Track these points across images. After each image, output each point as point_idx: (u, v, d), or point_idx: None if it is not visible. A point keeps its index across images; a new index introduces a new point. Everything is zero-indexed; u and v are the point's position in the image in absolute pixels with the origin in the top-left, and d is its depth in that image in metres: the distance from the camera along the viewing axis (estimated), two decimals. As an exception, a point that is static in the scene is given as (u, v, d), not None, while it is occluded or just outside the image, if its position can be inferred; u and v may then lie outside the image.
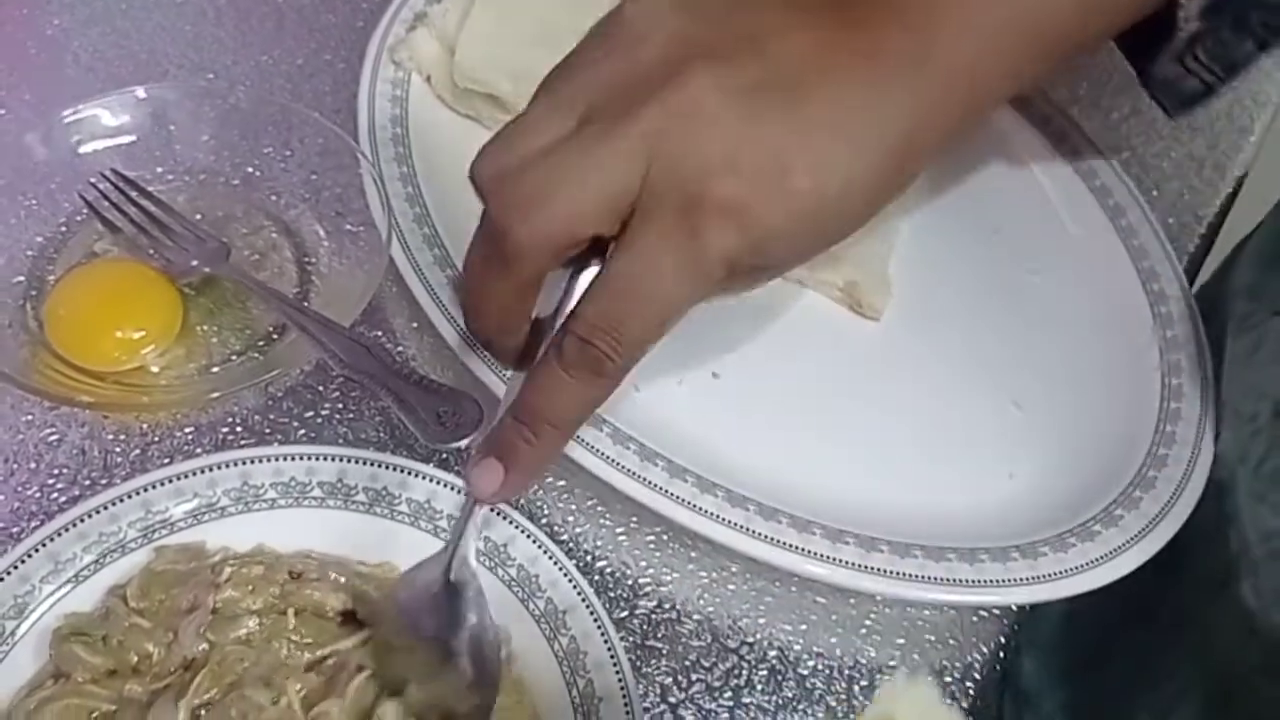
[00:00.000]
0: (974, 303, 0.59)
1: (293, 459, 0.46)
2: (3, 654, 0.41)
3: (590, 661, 0.43)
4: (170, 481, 0.44)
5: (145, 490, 0.44)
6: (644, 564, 0.50)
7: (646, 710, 0.46)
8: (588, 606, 0.44)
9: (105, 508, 0.43)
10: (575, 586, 0.44)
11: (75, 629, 0.41)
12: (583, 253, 0.41)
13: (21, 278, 0.52)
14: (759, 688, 0.47)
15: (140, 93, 0.55)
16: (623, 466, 0.47)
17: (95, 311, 0.51)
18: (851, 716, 0.47)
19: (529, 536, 0.46)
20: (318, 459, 0.46)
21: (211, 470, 0.45)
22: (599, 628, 0.43)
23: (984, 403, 0.56)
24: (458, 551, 0.42)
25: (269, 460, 0.45)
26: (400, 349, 0.55)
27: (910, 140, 0.41)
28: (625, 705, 0.41)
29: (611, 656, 0.43)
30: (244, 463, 0.45)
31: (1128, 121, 0.72)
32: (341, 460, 0.46)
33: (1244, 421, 0.51)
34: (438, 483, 0.47)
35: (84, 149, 0.55)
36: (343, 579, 0.44)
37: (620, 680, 0.42)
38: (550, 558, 0.45)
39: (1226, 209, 0.69)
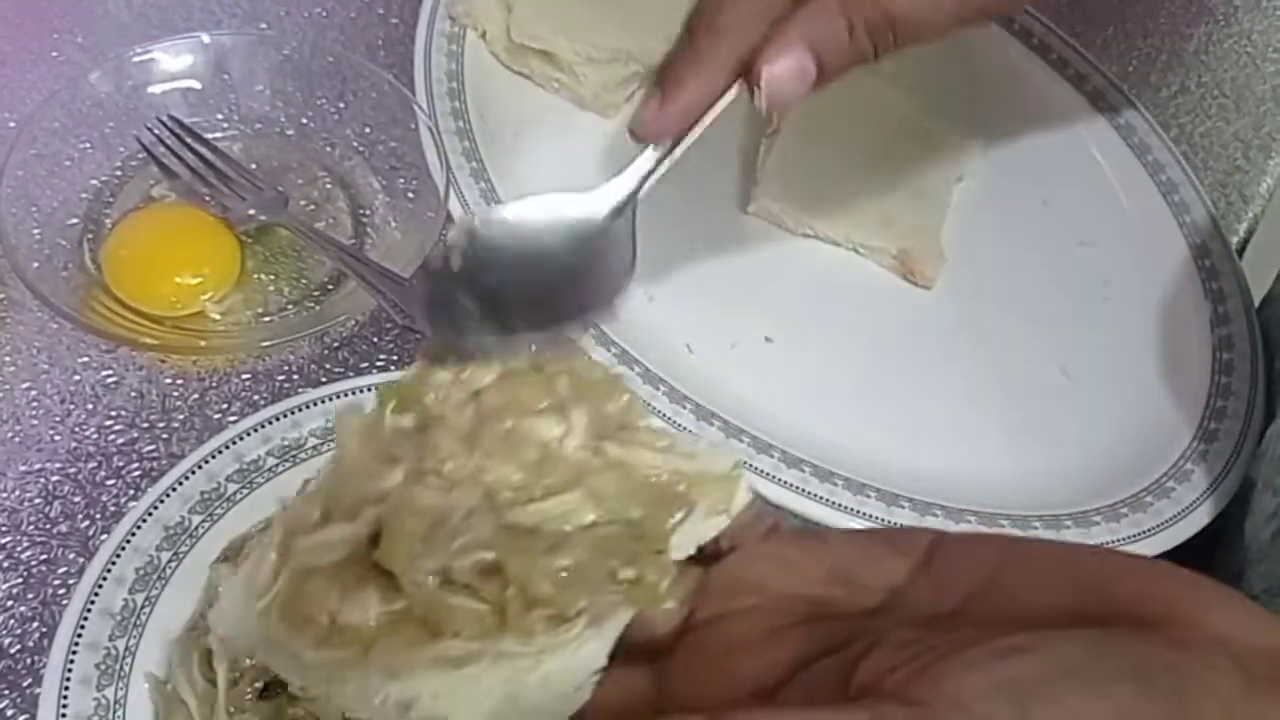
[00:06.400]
0: (1025, 273, 0.60)
1: None
2: None
3: None
4: None
5: None
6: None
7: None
8: None
9: None
10: None
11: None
12: None
13: (77, 220, 0.52)
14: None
15: (205, 38, 0.55)
16: (679, 425, 0.47)
17: (156, 256, 0.51)
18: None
19: None
20: None
21: None
22: None
23: (1033, 371, 0.56)
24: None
25: None
26: (453, 304, 0.55)
27: None
28: None
29: None
30: None
31: (1175, 100, 0.72)
32: None
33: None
34: None
35: (140, 93, 0.55)
36: None
37: None
38: None
39: (1272, 190, 0.69)
